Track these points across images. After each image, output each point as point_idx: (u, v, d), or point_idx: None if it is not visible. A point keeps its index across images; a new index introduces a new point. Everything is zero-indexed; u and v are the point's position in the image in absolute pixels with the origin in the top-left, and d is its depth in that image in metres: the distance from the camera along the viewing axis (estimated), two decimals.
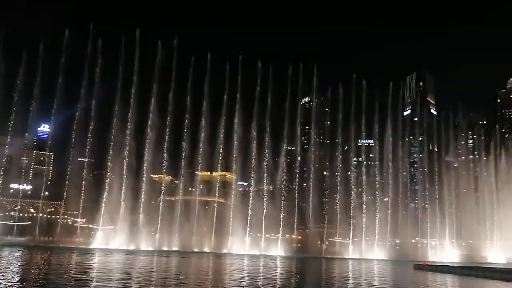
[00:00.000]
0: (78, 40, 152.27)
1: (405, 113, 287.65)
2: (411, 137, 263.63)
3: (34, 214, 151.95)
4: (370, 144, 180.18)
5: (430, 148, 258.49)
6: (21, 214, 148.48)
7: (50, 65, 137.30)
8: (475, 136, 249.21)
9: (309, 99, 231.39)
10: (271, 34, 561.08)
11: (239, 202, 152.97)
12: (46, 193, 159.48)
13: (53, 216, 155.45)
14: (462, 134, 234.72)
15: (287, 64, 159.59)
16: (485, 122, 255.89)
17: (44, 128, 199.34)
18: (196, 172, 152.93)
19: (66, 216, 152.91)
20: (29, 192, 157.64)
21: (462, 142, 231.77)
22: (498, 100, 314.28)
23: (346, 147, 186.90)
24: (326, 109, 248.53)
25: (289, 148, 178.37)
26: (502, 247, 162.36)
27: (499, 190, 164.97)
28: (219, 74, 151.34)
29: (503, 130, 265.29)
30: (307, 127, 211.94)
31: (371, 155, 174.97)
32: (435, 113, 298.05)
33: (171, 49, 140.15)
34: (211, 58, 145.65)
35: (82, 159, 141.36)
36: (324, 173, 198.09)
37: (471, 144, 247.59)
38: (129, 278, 46.55)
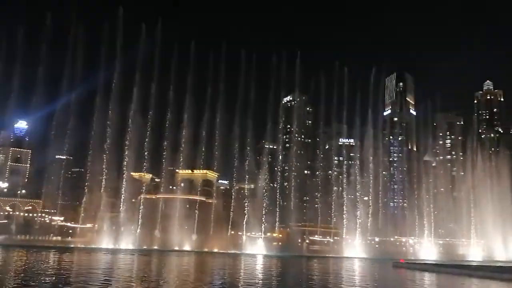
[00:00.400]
0: (60, 25, 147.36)
1: (385, 113, 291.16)
2: (391, 137, 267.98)
3: (11, 212, 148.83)
4: (351, 144, 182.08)
5: (410, 147, 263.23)
6: None
7: (30, 55, 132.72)
8: (452, 136, 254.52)
9: (291, 98, 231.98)
10: (257, 27, 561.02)
11: (220, 201, 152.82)
12: (23, 191, 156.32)
13: (31, 215, 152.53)
14: (441, 134, 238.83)
15: (271, 53, 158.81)
16: (462, 123, 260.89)
17: (22, 124, 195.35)
18: (177, 171, 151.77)
19: (44, 215, 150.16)
20: (5, 189, 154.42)
21: (440, 142, 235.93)
22: (475, 101, 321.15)
23: (327, 146, 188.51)
24: (308, 108, 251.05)
25: (271, 146, 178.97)
26: (478, 245, 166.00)
27: (476, 189, 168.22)
28: (202, 65, 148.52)
29: (480, 131, 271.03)
30: (288, 126, 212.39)
31: (351, 154, 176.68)
32: (414, 113, 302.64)
33: (153, 34, 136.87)
34: (195, 47, 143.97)
35: (61, 157, 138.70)
36: (306, 172, 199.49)
37: (449, 144, 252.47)
38: (108, 279, 46.00)
